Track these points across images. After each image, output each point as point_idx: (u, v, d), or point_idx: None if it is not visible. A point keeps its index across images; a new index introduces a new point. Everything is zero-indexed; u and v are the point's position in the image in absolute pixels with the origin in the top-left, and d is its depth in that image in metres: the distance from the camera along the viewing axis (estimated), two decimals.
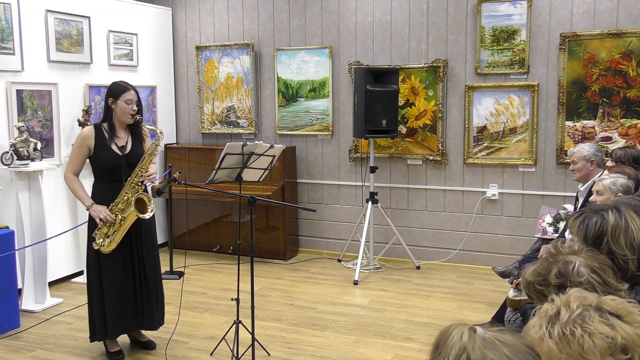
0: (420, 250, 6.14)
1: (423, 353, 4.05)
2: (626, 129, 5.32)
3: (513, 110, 5.67)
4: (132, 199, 3.77)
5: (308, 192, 6.61)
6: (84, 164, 3.92)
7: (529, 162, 5.67)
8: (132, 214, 3.77)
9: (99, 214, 3.78)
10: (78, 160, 3.88)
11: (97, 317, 3.90)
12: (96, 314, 3.90)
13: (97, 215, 3.79)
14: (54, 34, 5.45)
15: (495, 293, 5.17)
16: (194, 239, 6.74)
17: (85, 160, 3.90)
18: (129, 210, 3.77)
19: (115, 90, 3.86)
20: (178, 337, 4.26)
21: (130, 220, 3.80)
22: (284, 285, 5.56)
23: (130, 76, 6.22)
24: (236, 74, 6.74)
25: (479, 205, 5.91)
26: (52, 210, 5.33)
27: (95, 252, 3.84)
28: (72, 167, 3.89)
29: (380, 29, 6.09)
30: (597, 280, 1.84)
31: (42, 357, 4.06)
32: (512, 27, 5.58)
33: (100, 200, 3.85)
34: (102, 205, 3.81)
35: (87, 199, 3.85)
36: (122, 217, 3.78)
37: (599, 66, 5.33)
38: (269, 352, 4.03)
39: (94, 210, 3.81)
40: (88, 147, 3.84)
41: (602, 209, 2.29)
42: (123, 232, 3.82)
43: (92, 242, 3.85)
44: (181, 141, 7.15)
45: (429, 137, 6.01)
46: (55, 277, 5.45)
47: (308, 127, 6.50)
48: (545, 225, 4.78)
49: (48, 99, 5.39)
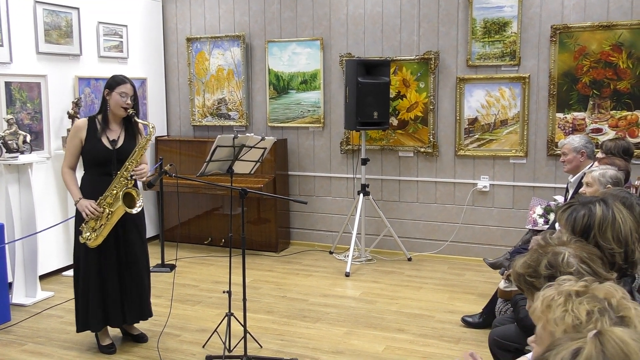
0: (412, 242, 6.16)
1: (414, 344, 4.07)
2: (616, 121, 5.34)
3: (504, 102, 5.69)
4: (120, 194, 3.75)
5: (299, 184, 6.61)
6: (78, 156, 3.90)
7: (520, 154, 5.69)
8: (120, 209, 3.75)
9: (85, 209, 3.76)
10: (72, 152, 3.88)
11: (81, 309, 3.91)
12: (81, 306, 3.91)
13: (83, 210, 3.77)
14: (43, 25, 5.40)
15: (487, 284, 5.20)
16: (186, 232, 6.73)
17: (80, 152, 3.88)
18: (117, 204, 3.75)
19: (111, 83, 3.86)
20: (170, 330, 4.26)
21: (118, 214, 3.78)
22: (276, 278, 5.57)
23: (120, 68, 6.18)
24: (227, 66, 6.71)
25: (470, 197, 5.93)
26: (42, 203, 5.30)
27: (82, 245, 3.83)
28: (68, 161, 3.89)
29: (372, 20, 6.08)
30: (587, 270, 1.85)
31: (34, 350, 4.05)
32: (503, 19, 5.58)
33: (89, 192, 3.83)
34: (89, 200, 3.79)
35: (77, 193, 3.84)
36: (109, 210, 3.77)
37: (589, 58, 5.35)
38: (261, 344, 4.04)
39: (80, 204, 3.79)
40: (80, 138, 3.83)
41: (589, 201, 2.30)
42: (110, 226, 3.80)
43: (79, 235, 3.83)
44: (172, 134, 7.12)
45: (420, 129, 6.01)
46: (46, 270, 5.43)
47: (299, 119, 6.49)
48: (536, 216, 4.80)
49: (37, 91, 5.35)
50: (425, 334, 4.24)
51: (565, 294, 1.42)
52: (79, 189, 3.86)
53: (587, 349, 1.08)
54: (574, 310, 1.36)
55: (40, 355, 3.98)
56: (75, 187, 3.86)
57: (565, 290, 1.43)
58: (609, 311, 1.32)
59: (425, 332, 4.27)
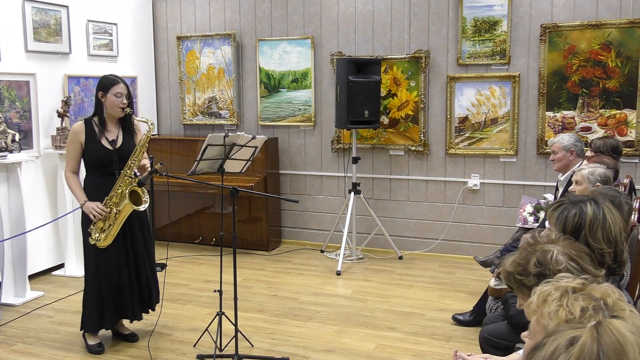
0: (403, 240, 6.18)
1: (405, 342, 4.08)
2: (605, 119, 5.38)
3: (494, 101, 5.71)
4: (126, 192, 3.76)
5: (290, 183, 6.61)
6: (80, 159, 3.92)
7: (510, 152, 5.71)
8: (127, 207, 3.77)
9: (92, 210, 3.78)
10: (73, 156, 3.89)
11: (95, 309, 3.92)
12: (95, 306, 3.91)
13: (90, 212, 3.80)
14: (32, 24, 5.36)
15: (477, 282, 5.22)
16: (176, 231, 6.71)
17: (81, 156, 3.91)
18: (124, 203, 3.77)
19: (105, 84, 3.86)
20: (161, 329, 4.25)
21: (126, 212, 3.81)
22: (267, 277, 5.56)
23: (110, 67, 6.15)
24: (218, 65, 6.69)
25: (461, 195, 5.94)
26: (31, 202, 5.27)
27: (92, 247, 3.85)
28: (70, 165, 3.91)
29: (363, 19, 6.08)
30: (575, 267, 1.86)
31: (23, 350, 4.03)
32: (494, 17, 5.60)
33: (93, 194, 3.86)
34: (94, 202, 3.81)
35: (81, 196, 3.86)
36: (117, 210, 3.78)
37: (578, 57, 5.38)
38: (252, 343, 4.03)
39: (87, 207, 3.82)
40: (80, 142, 3.85)
41: (580, 200, 2.31)
42: (119, 226, 3.83)
43: (88, 237, 3.85)
44: (162, 132, 7.09)
45: (411, 127, 6.02)
46: (35, 270, 5.39)
47: (290, 118, 6.49)
48: (526, 214, 4.82)
49: (26, 90, 5.31)
50: (416, 332, 4.26)
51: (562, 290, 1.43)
52: (83, 192, 3.88)
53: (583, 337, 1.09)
54: (568, 305, 1.38)
55: (30, 355, 3.96)
56: (80, 190, 3.88)
57: (562, 286, 1.45)
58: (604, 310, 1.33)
59: (416, 330, 4.28)
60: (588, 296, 1.38)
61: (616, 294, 1.37)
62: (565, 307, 1.38)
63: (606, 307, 1.34)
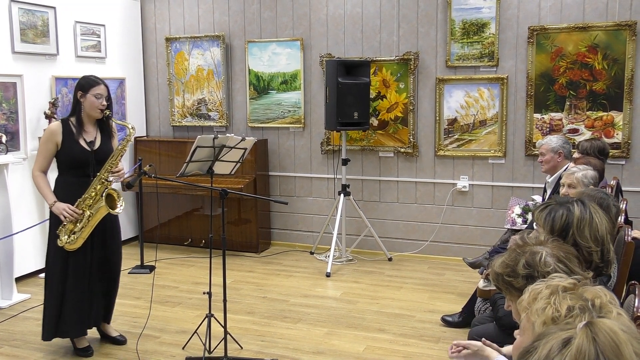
0: (392, 242, 6.19)
1: (395, 344, 4.09)
2: (592, 121, 5.42)
3: (483, 103, 5.74)
4: (101, 195, 3.71)
5: (280, 184, 6.60)
6: (51, 160, 3.84)
7: (499, 154, 5.75)
8: (102, 210, 3.72)
9: (63, 212, 3.70)
10: (45, 156, 3.80)
11: (52, 315, 3.82)
12: (53, 312, 3.81)
13: (60, 213, 3.70)
14: (19, 25, 5.32)
15: (466, 284, 5.24)
16: (165, 233, 6.68)
17: (53, 156, 3.82)
18: (98, 205, 3.71)
19: (84, 84, 3.79)
20: (149, 332, 4.23)
21: (100, 215, 3.74)
22: (257, 278, 5.55)
23: (98, 68, 6.12)
24: (207, 66, 6.67)
25: (450, 196, 5.97)
26: (18, 204, 5.23)
27: (58, 249, 3.76)
28: (40, 164, 3.81)
29: (352, 21, 6.09)
30: (564, 269, 1.88)
31: (10, 353, 3.99)
32: (482, 20, 5.63)
33: (65, 194, 3.77)
34: (64, 203, 3.73)
35: (50, 196, 3.77)
36: (90, 212, 3.73)
37: (566, 59, 5.42)
38: (241, 345, 4.02)
39: (57, 207, 3.72)
40: (55, 142, 3.77)
41: (567, 201, 2.34)
42: (91, 228, 3.76)
43: (55, 239, 3.76)
44: (151, 134, 7.06)
45: (400, 129, 6.04)
46: (22, 272, 5.35)
47: (280, 119, 6.48)
48: (515, 216, 4.85)
49: (13, 91, 5.27)
50: (406, 333, 4.27)
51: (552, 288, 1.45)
52: (52, 192, 3.80)
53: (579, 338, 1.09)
54: (555, 303, 1.39)
55: (17, 358, 3.92)
56: (49, 191, 3.79)
57: (554, 284, 1.46)
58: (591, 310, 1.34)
59: (406, 332, 4.29)
60: (577, 296, 1.40)
61: (607, 296, 1.38)
62: (552, 305, 1.39)
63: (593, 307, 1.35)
